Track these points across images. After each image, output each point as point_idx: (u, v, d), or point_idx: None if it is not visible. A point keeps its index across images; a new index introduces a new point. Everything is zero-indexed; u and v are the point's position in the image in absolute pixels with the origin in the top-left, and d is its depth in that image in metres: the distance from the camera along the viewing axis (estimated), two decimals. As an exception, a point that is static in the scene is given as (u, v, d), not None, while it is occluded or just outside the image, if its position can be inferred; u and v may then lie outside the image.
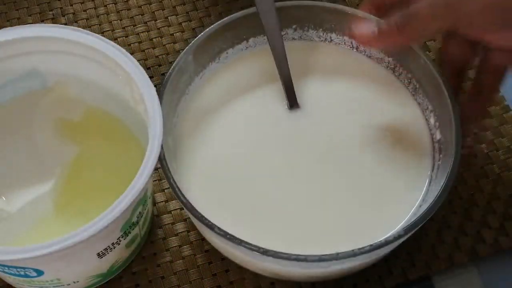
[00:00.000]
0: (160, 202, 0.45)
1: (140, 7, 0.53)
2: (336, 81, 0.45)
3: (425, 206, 0.38)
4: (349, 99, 0.45)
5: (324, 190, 0.41)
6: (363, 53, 0.46)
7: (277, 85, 0.44)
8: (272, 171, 0.42)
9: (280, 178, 0.42)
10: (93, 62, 0.39)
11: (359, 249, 0.35)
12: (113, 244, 0.37)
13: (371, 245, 0.35)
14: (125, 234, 0.37)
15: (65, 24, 0.52)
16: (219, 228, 0.36)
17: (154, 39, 0.52)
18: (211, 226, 0.36)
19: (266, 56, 0.45)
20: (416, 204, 0.40)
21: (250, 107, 0.44)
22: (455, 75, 0.41)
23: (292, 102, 0.44)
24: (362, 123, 0.43)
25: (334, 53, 0.46)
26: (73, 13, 0.53)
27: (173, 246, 0.43)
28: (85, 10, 0.53)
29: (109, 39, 0.38)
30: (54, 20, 0.53)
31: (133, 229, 0.38)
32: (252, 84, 0.45)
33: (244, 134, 0.43)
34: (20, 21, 0.52)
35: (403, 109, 0.44)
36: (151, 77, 0.40)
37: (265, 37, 0.44)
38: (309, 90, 0.45)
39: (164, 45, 0.51)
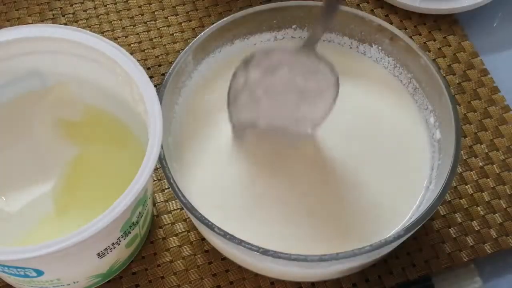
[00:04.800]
0: (160, 202, 0.45)
1: (140, 7, 0.53)
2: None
3: (425, 206, 0.38)
4: (348, 99, 0.45)
5: (324, 189, 0.41)
6: (363, 53, 0.46)
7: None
8: (272, 171, 0.42)
9: (280, 178, 0.42)
10: (93, 62, 0.39)
11: (359, 249, 0.35)
12: (113, 244, 0.37)
13: (371, 245, 0.35)
14: (125, 234, 0.37)
15: (65, 24, 0.52)
16: (219, 228, 0.36)
17: (154, 39, 0.52)
18: (211, 226, 0.36)
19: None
20: (416, 204, 0.40)
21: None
22: None
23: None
24: (362, 123, 0.43)
25: (334, 52, 0.46)
26: (73, 13, 0.53)
27: (173, 246, 0.43)
28: (85, 10, 0.53)
29: (109, 39, 0.38)
30: (54, 20, 0.53)
31: (133, 229, 0.38)
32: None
33: (244, 133, 0.43)
34: (20, 21, 0.52)
35: (403, 109, 0.44)
36: (151, 77, 0.40)
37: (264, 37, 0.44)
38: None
39: (164, 45, 0.51)
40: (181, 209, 0.45)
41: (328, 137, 0.43)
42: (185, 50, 0.42)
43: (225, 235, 0.35)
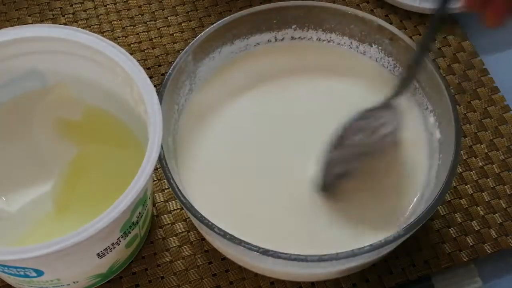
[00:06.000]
0: (160, 202, 0.45)
1: (140, 7, 0.53)
2: (336, 81, 0.45)
3: (425, 206, 0.38)
4: (348, 98, 0.45)
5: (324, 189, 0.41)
6: (363, 53, 0.46)
7: (276, 86, 0.44)
8: (272, 171, 0.42)
9: (280, 178, 0.42)
10: (93, 62, 0.39)
11: (359, 249, 0.35)
12: (113, 244, 0.37)
13: (371, 245, 0.35)
14: (125, 234, 0.37)
15: (65, 24, 0.52)
16: (219, 228, 0.36)
17: (154, 39, 0.52)
18: (211, 226, 0.36)
19: (265, 57, 0.45)
20: (416, 204, 0.40)
21: (249, 107, 0.44)
22: None
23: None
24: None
25: (334, 52, 0.46)
26: (73, 13, 0.53)
27: (173, 246, 0.43)
28: (85, 10, 0.53)
29: (109, 39, 0.38)
30: (54, 20, 0.53)
31: (133, 229, 0.38)
32: (251, 84, 0.45)
33: (244, 134, 0.43)
34: (20, 21, 0.52)
35: (403, 109, 0.44)
36: (151, 77, 0.40)
37: (264, 37, 0.44)
38: (308, 90, 0.45)
39: (164, 45, 0.51)
40: (181, 209, 0.45)
41: (329, 138, 0.43)
42: (185, 50, 0.42)
43: (225, 235, 0.35)
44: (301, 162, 0.42)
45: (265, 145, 0.43)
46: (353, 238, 0.39)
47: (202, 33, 0.43)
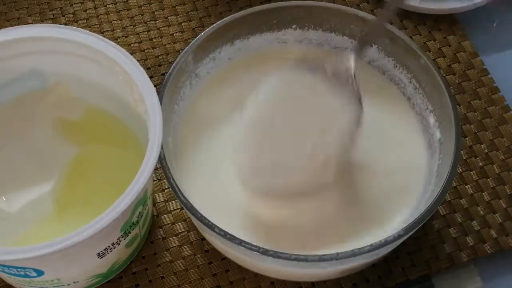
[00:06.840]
0: (160, 202, 0.45)
1: (140, 7, 0.53)
2: (335, 81, 0.45)
3: (425, 206, 0.38)
4: (348, 98, 0.45)
5: (323, 190, 0.41)
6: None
7: (277, 85, 0.44)
8: (272, 171, 0.42)
9: (280, 178, 0.42)
10: (93, 62, 0.39)
11: (359, 249, 0.35)
12: (113, 244, 0.37)
13: (371, 245, 0.35)
14: (125, 234, 0.37)
15: (65, 24, 0.52)
16: (219, 228, 0.36)
17: (154, 39, 0.52)
18: (211, 226, 0.36)
19: (265, 57, 0.45)
20: (416, 204, 0.40)
21: (249, 107, 0.44)
22: None
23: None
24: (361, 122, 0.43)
25: (333, 52, 0.46)
26: (73, 13, 0.53)
27: (173, 246, 0.43)
28: (85, 10, 0.53)
29: (109, 39, 0.38)
30: (54, 20, 0.53)
31: (133, 229, 0.38)
32: (252, 84, 0.45)
33: (244, 133, 0.43)
34: (20, 21, 0.52)
35: (403, 109, 0.44)
36: (151, 77, 0.40)
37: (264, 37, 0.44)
38: (307, 90, 0.45)
39: (164, 45, 0.51)
40: (181, 209, 0.45)
41: (328, 138, 0.43)
42: (185, 50, 0.42)
43: (225, 235, 0.35)
44: (299, 160, 0.42)
45: (265, 145, 0.43)
46: (353, 238, 0.39)
47: (202, 33, 0.43)
